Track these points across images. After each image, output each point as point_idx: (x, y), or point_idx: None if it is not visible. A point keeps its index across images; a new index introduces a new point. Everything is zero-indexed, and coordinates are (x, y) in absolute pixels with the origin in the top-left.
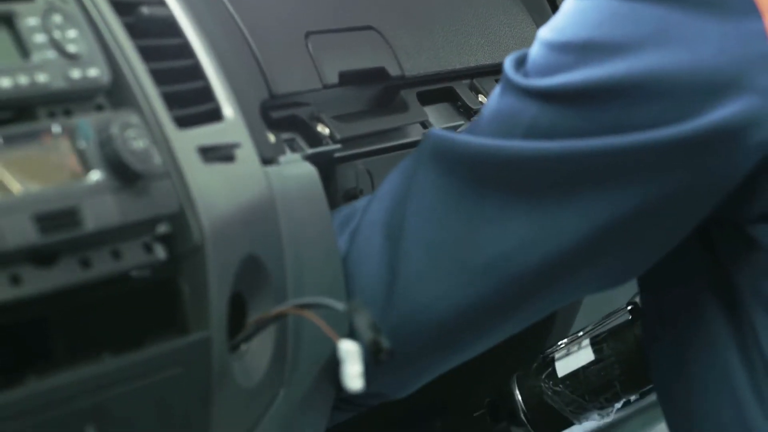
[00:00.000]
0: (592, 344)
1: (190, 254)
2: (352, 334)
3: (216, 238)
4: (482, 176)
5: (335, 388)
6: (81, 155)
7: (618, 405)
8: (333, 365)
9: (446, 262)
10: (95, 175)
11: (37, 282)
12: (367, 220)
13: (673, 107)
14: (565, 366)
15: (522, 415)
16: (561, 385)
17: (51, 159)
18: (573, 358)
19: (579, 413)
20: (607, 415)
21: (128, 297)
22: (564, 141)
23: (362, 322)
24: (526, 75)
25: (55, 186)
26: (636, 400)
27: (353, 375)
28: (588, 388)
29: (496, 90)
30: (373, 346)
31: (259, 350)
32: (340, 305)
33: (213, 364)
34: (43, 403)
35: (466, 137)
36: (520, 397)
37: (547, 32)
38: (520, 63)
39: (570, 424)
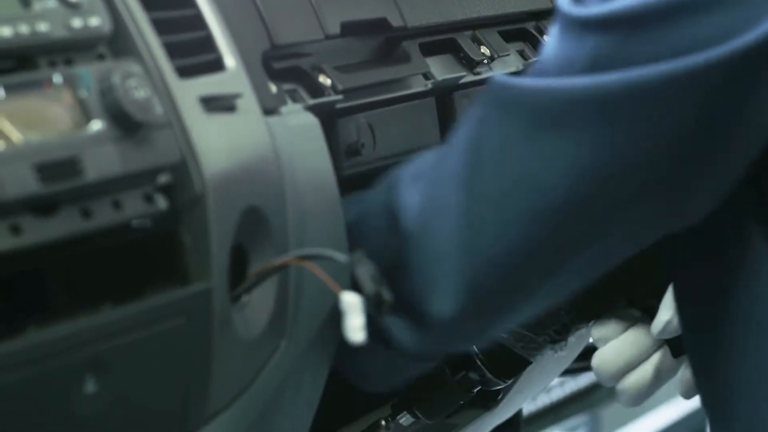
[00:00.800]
0: None
1: (192, 205)
2: (355, 288)
3: (217, 189)
4: (550, 117)
5: (337, 341)
6: (82, 105)
7: (572, 338)
8: (335, 318)
9: (522, 205)
10: (96, 125)
11: (38, 232)
12: (441, 174)
13: (739, 14)
14: None
15: (477, 360)
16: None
17: (52, 109)
18: None
19: (532, 349)
20: (561, 349)
21: (129, 248)
22: (627, 71)
23: (364, 273)
24: (582, 4)
25: (56, 136)
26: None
27: (355, 327)
28: (535, 322)
29: (554, 30)
30: (375, 298)
31: (260, 302)
32: (342, 256)
33: (214, 315)
34: (43, 354)
35: (529, 80)
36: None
37: None
38: None
39: (527, 363)
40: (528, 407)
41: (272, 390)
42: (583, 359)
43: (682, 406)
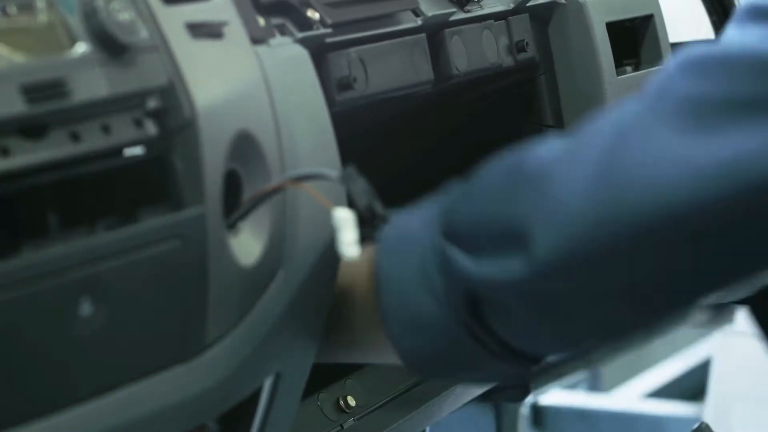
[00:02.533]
0: None
1: (182, 129)
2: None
3: (207, 113)
4: (733, 79)
5: (337, 267)
6: (66, 28)
7: None
8: (334, 246)
9: (675, 159)
10: (81, 47)
11: (27, 154)
12: (592, 127)
13: None
14: None
15: None
16: None
17: (35, 31)
18: None
19: None
20: None
21: (122, 173)
22: None
23: (357, 188)
24: None
25: (41, 58)
26: None
27: (348, 242)
28: None
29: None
30: (368, 212)
31: (256, 229)
32: (333, 173)
33: (209, 240)
34: (37, 274)
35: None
36: None
37: None
38: None
39: None
40: None
41: (272, 319)
42: None
43: (681, 364)
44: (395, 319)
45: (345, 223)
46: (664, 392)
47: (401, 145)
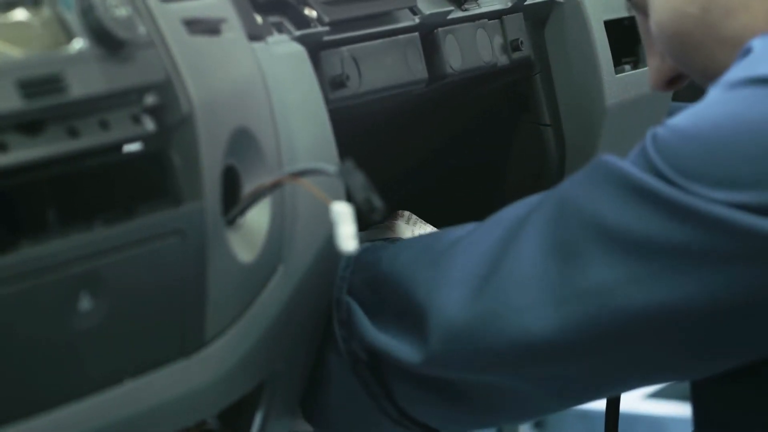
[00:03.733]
0: None
1: (180, 125)
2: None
3: (205, 109)
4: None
5: (337, 264)
6: (63, 23)
7: None
8: (332, 242)
9: (552, 275)
10: (78, 43)
11: (25, 150)
12: (500, 215)
13: None
14: None
15: None
16: None
17: (32, 27)
18: None
19: None
20: None
21: (121, 169)
22: None
23: (355, 182)
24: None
25: (38, 53)
26: None
27: (346, 236)
28: None
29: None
30: (366, 205)
31: (255, 225)
32: (332, 168)
33: (208, 235)
34: (35, 269)
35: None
36: None
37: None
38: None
39: None
40: None
41: (272, 315)
42: None
43: None
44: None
45: (343, 217)
46: (664, 392)
47: (397, 144)
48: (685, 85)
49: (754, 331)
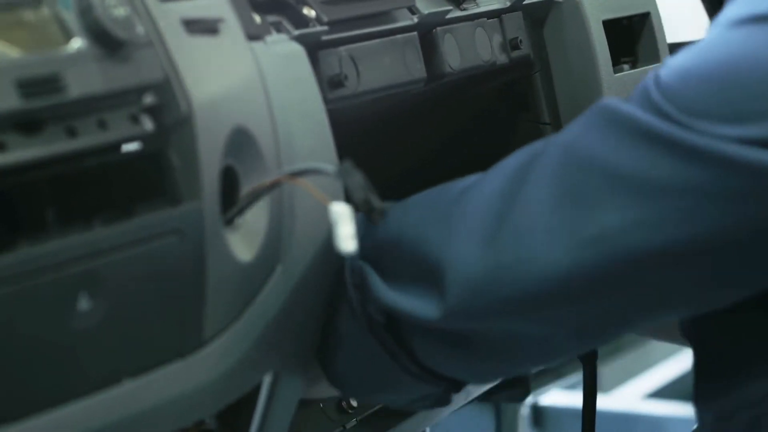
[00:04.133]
0: None
1: (178, 125)
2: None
3: (204, 109)
4: (641, 153)
5: (335, 265)
6: (61, 23)
7: None
8: (332, 242)
9: (561, 222)
10: (77, 43)
11: (23, 149)
12: (503, 164)
13: None
14: None
15: None
16: None
17: (31, 27)
18: None
19: None
20: None
21: (119, 169)
22: None
23: (354, 182)
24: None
25: (37, 53)
26: None
27: (345, 236)
28: None
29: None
30: (365, 205)
31: (254, 225)
32: (330, 168)
33: (206, 235)
34: (34, 268)
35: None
36: None
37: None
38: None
39: None
40: None
41: (270, 315)
42: None
43: (681, 364)
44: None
45: (342, 217)
46: (664, 392)
47: (395, 144)
48: None
49: (762, 263)
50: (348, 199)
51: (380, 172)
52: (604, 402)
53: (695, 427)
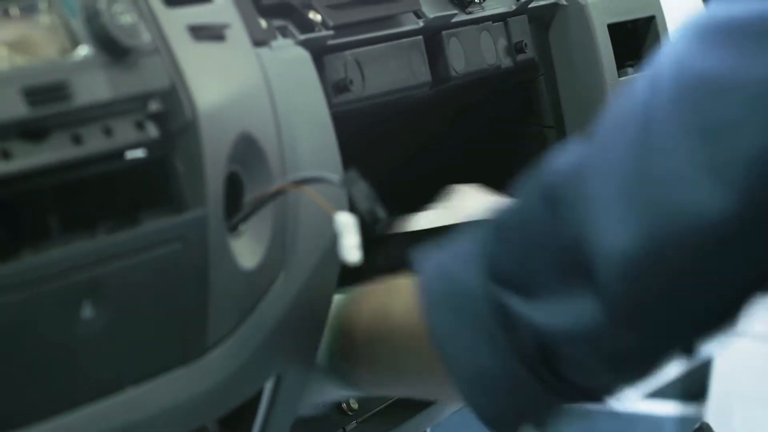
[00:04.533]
0: None
1: (183, 132)
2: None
3: (209, 116)
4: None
5: (338, 273)
6: (68, 30)
7: None
8: (335, 249)
9: (710, 156)
10: (83, 50)
11: (28, 157)
12: (608, 122)
13: None
14: None
15: None
16: None
17: (38, 34)
18: None
19: None
20: None
21: (124, 176)
22: None
23: (359, 192)
24: None
25: (43, 61)
26: None
27: (350, 246)
28: None
29: None
30: (370, 216)
31: (257, 232)
32: (335, 177)
33: (210, 242)
34: (38, 276)
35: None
36: None
37: None
38: None
39: None
40: None
41: (273, 322)
42: None
43: (681, 364)
44: (462, 377)
45: (347, 227)
46: (664, 392)
47: (400, 147)
48: None
49: None
50: (352, 207)
51: (384, 175)
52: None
53: (696, 426)
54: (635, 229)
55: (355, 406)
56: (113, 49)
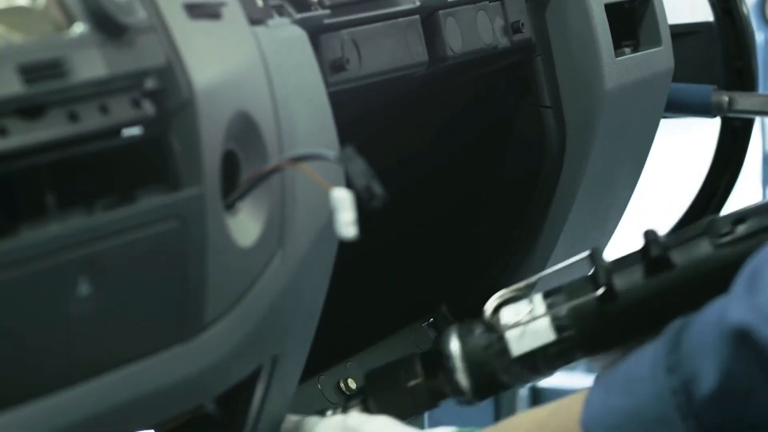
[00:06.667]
0: (551, 319)
1: (180, 110)
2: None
3: (205, 93)
4: None
5: (335, 250)
6: (64, 8)
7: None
8: (332, 228)
9: None
10: (79, 28)
11: (24, 134)
12: None
13: None
14: (519, 345)
15: (463, 383)
16: (517, 366)
17: (33, 12)
18: (529, 336)
19: (527, 382)
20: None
21: (121, 154)
22: None
23: (355, 168)
24: None
25: (39, 38)
26: None
27: (346, 222)
28: (546, 365)
29: None
30: (366, 192)
31: (254, 210)
32: (331, 153)
33: (207, 220)
34: (35, 254)
35: None
36: (463, 369)
37: None
38: None
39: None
40: None
41: (270, 300)
42: None
43: None
44: None
45: (343, 203)
46: None
47: (397, 127)
48: (684, 67)
49: None
50: (349, 184)
51: (381, 155)
52: None
53: None
54: None
55: (353, 385)
56: (109, 27)
